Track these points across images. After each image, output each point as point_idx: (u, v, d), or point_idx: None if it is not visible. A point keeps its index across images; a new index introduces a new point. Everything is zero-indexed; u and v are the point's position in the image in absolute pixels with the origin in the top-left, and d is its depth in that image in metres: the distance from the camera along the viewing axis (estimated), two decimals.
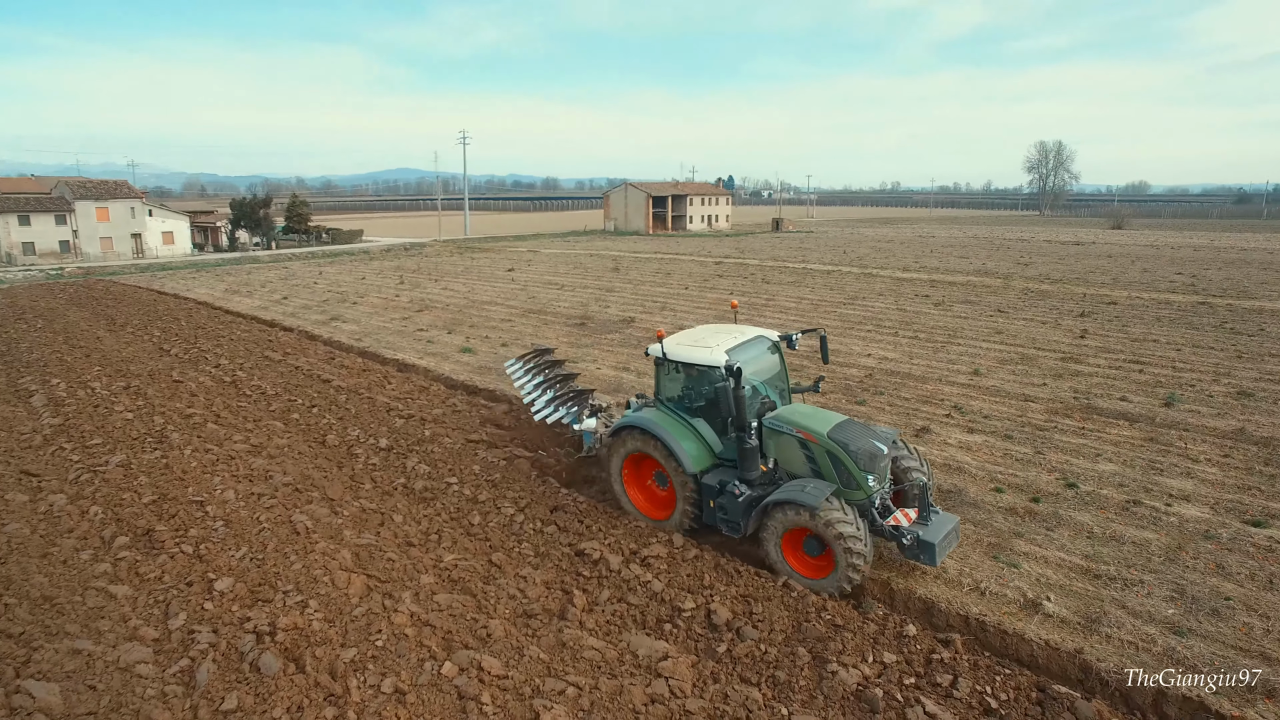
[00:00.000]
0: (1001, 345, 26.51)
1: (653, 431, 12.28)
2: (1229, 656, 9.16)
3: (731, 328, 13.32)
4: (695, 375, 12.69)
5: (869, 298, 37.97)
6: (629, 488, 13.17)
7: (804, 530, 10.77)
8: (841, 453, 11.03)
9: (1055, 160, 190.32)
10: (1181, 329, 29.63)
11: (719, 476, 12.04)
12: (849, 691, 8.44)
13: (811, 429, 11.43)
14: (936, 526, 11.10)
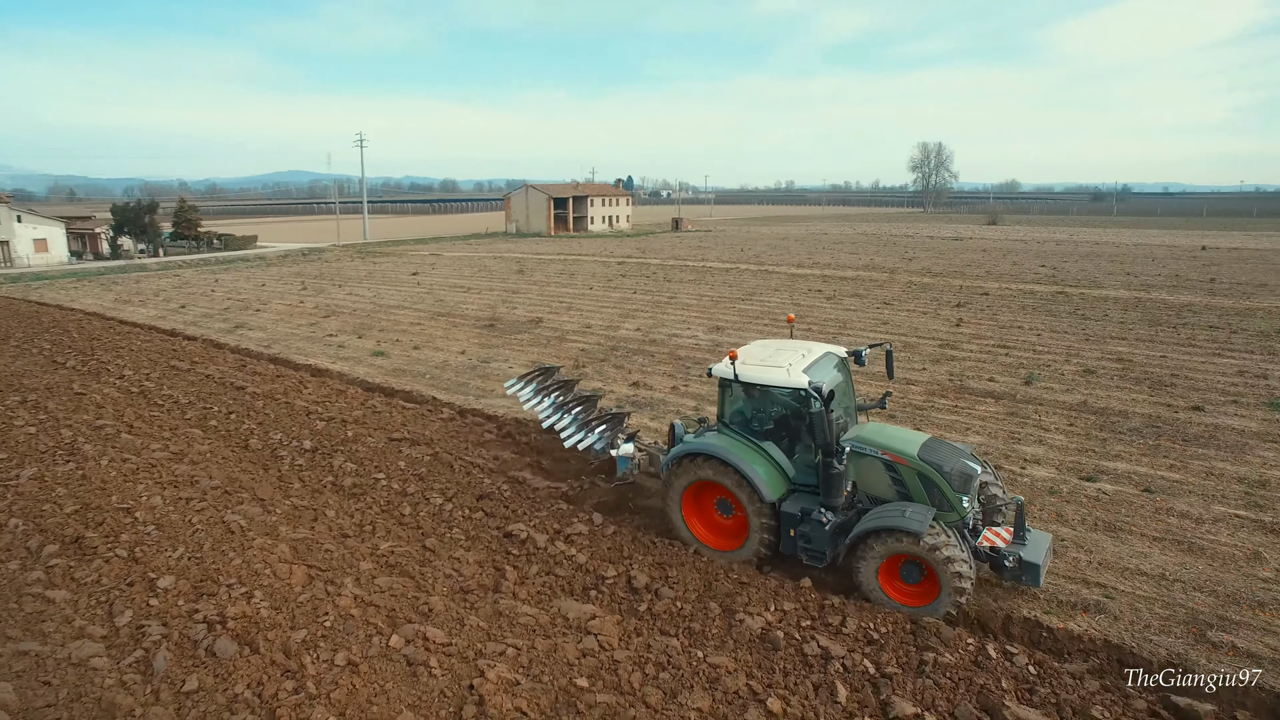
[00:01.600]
0: (887, 335, 28.74)
1: (726, 459, 11.56)
2: (1059, 584, 11.02)
3: (793, 344, 12.79)
4: (763, 397, 12.17)
5: (766, 293, 40.01)
6: (689, 518, 12.36)
7: (902, 556, 10.46)
8: (935, 474, 10.79)
9: (936, 160, 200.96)
10: (1042, 316, 32.72)
11: (799, 504, 11.37)
12: (755, 635, 9.76)
13: (900, 450, 11.09)
14: (1035, 545, 10.86)
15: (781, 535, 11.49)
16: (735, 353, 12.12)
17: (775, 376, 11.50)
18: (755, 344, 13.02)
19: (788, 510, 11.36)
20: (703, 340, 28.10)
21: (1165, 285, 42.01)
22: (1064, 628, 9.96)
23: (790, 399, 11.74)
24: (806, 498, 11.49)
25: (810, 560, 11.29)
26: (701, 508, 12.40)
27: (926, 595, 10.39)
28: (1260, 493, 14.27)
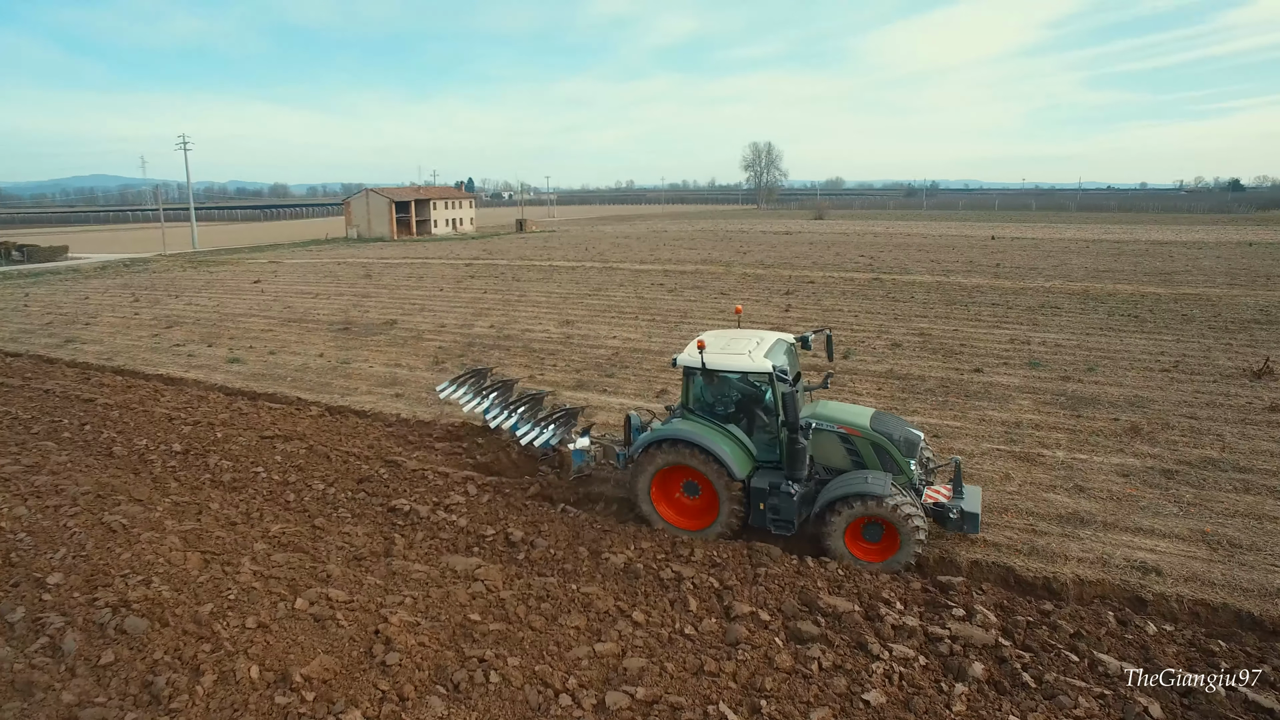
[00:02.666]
0: (725, 321, 31.46)
1: (696, 442, 12.26)
2: None
3: (745, 333, 13.72)
4: (723, 382, 12.99)
5: (611, 288, 42.14)
6: (656, 503, 13.01)
7: (865, 518, 11.56)
8: (887, 442, 12.14)
9: (767, 160, 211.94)
10: (859, 300, 36.68)
11: (766, 479, 12.36)
12: (619, 568, 11.58)
13: (854, 424, 12.38)
14: (971, 498, 12.39)
15: (750, 509, 12.43)
16: (703, 342, 12.84)
17: (741, 363, 12.38)
18: (709, 334, 13.79)
19: (757, 485, 12.32)
20: (554, 334, 29.75)
21: (961, 270, 47.66)
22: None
23: (755, 382, 12.77)
24: (771, 473, 12.52)
25: (778, 530, 12.31)
26: (667, 492, 13.06)
27: (887, 551, 11.66)
28: (1015, 431, 17.66)
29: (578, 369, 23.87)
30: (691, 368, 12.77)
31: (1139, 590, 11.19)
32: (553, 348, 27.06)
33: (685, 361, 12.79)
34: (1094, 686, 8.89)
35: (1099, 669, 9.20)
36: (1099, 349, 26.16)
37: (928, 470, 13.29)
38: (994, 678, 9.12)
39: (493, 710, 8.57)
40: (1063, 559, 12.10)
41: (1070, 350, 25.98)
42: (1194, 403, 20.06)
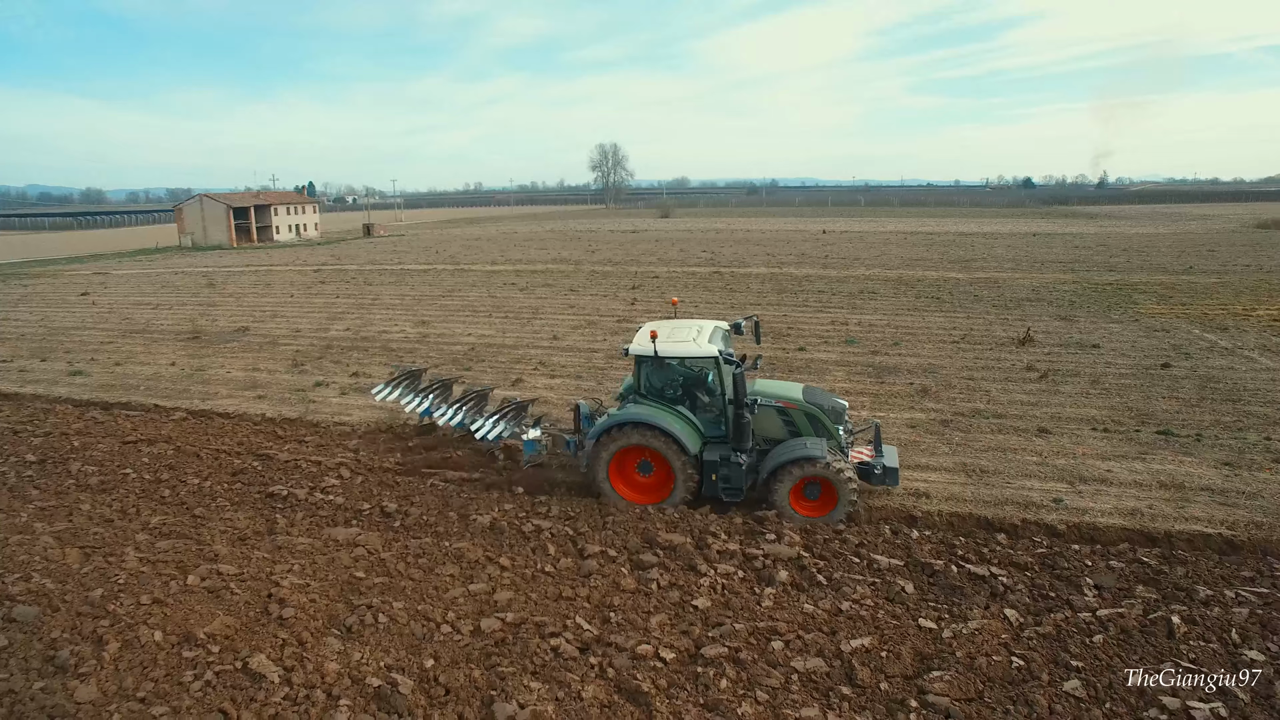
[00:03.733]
0: (574, 316, 33.38)
1: (653, 423, 13.29)
2: None
3: (684, 323, 14.96)
4: (669, 368, 14.08)
5: (464, 289, 43.15)
6: (615, 482, 14.01)
7: (807, 479, 13.05)
8: (819, 412, 13.78)
9: (614, 160, 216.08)
10: (701, 291, 39.57)
11: (717, 452, 13.57)
12: (485, 526, 13.20)
13: (790, 398, 13.95)
14: (890, 455, 14.26)
15: (703, 480, 13.63)
16: (655, 332, 13.79)
17: (690, 349, 13.58)
18: (650, 324, 14.71)
19: (709, 459, 13.51)
20: (411, 333, 30.68)
21: (793, 262, 51.84)
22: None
23: (700, 366, 14.04)
24: (718, 447, 13.76)
25: (729, 497, 13.62)
26: (624, 472, 14.07)
27: (826, 506, 13.20)
28: None
29: (436, 364, 25.06)
30: (643, 355, 13.84)
31: (911, 510, 13.94)
32: (410, 346, 28.07)
33: (638, 350, 13.82)
34: (869, 578, 11.41)
35: (874, 566, 11.74)
36: (904, 326, 29.99)
37: (850, 434, 14.91)
38: (796, 581, 11.45)
39: (384, 643, 10.00)
40: (860, 494, 14.76)
41: (881, 329, 29.65)
42: (973, 367, 23.79)
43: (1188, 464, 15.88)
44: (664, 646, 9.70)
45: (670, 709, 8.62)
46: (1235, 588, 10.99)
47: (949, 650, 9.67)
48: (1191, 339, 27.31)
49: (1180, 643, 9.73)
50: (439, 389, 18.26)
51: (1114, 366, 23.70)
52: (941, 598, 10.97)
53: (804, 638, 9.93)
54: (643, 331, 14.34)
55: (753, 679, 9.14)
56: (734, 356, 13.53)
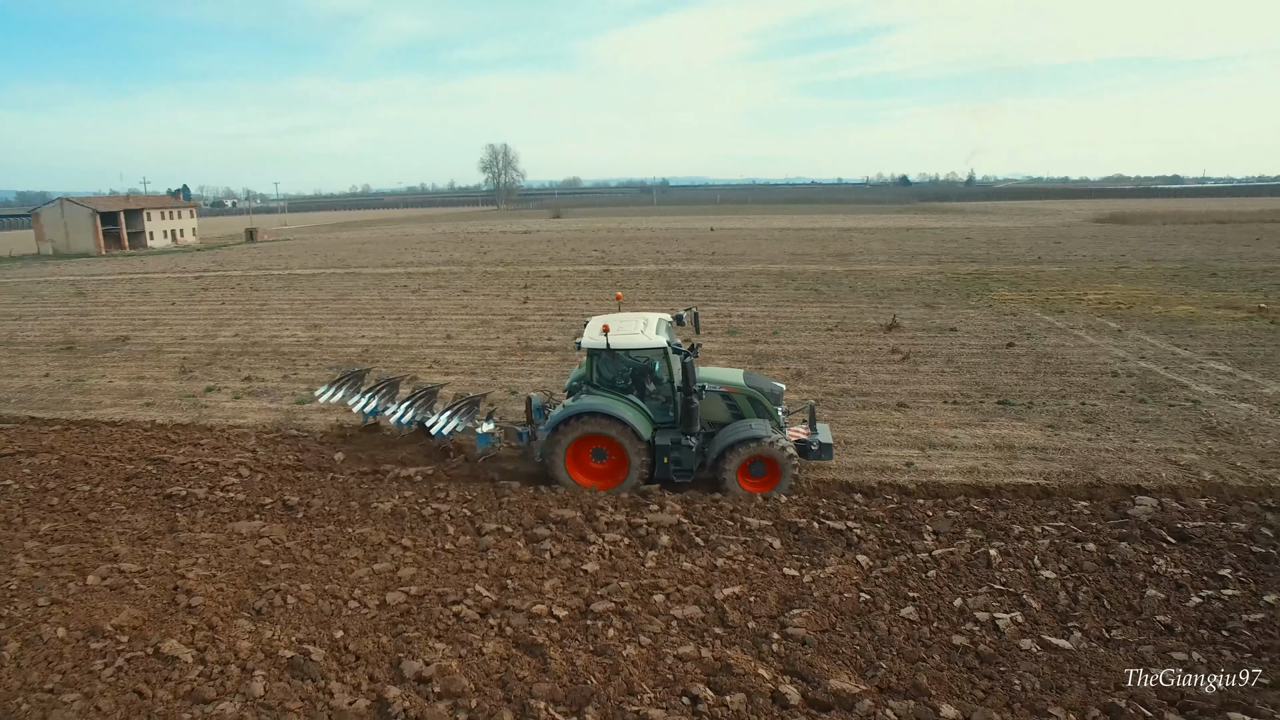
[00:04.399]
0: (467, 315, 33.93)
1: (608, 412, 13.98)
2: None
3: (629, 316, 15.64)
4: (618, 360, 14.69)
5: (356, 293, 42.87)
6: (571, 470, 14.60)
7: (752, 457, 14.02)
8: (760, 395, 14.80)
9: (505, 161, 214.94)
10: (591, 289, 40.68)
11: (668, 437, 14.38)
12: (387, 512, 13.89)
13: (733, 383, 14.93)
14: (824, 433, 15.37)
15: (656, 464, 14.40)
16: (607, 326, 14.31)
17: (640, 341, 14.36)
18: (598, 319, 15.49)
19: (660, 443, 14.30)
20: (303, 337, 30.56)
21: (681, 259, 53.66)
22: None
23: (649, 356, 14.74)
24: (668, 431, 14.57)
25: (680, 478, 14.46)
26: (579, 459, 14.70)
27: (770, 482, 14.21)
28: None
29: (330, 367, 25.24)
30: (595, 349, 14.45)
31: None
32: (303, 350, 28.05)
33: (590, 344, 14.40)
34: (741, 537, 12.77)
35: (746, 527, 13.10)
36: (784, 317, 31.96)
37: (786, 414, 16.00)
38: (677, 543, 12.68)
39: (294, 621, 10.63)
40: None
41: (762, 319, 31.51)
42: (844, 352, 25.80)
43: (1019, 428, 18.06)
44: (557, 606, 10.73)
45: (563, 656, 9.65)
46: (1042, 524, 12.92)
47: (808, 592, 11.09)
48: (1033, 321, 30.32)
49: (995, 570, 11.49)
50: (385, 388, 18.49)
51: (967, 347, 26.17)
52: (804, 550, 12.42)
53: (682, 590, 11.16)
54: (593, 325, 15.03)
55: (637, 627, 10.29)
56: (682, 346, 14.53)
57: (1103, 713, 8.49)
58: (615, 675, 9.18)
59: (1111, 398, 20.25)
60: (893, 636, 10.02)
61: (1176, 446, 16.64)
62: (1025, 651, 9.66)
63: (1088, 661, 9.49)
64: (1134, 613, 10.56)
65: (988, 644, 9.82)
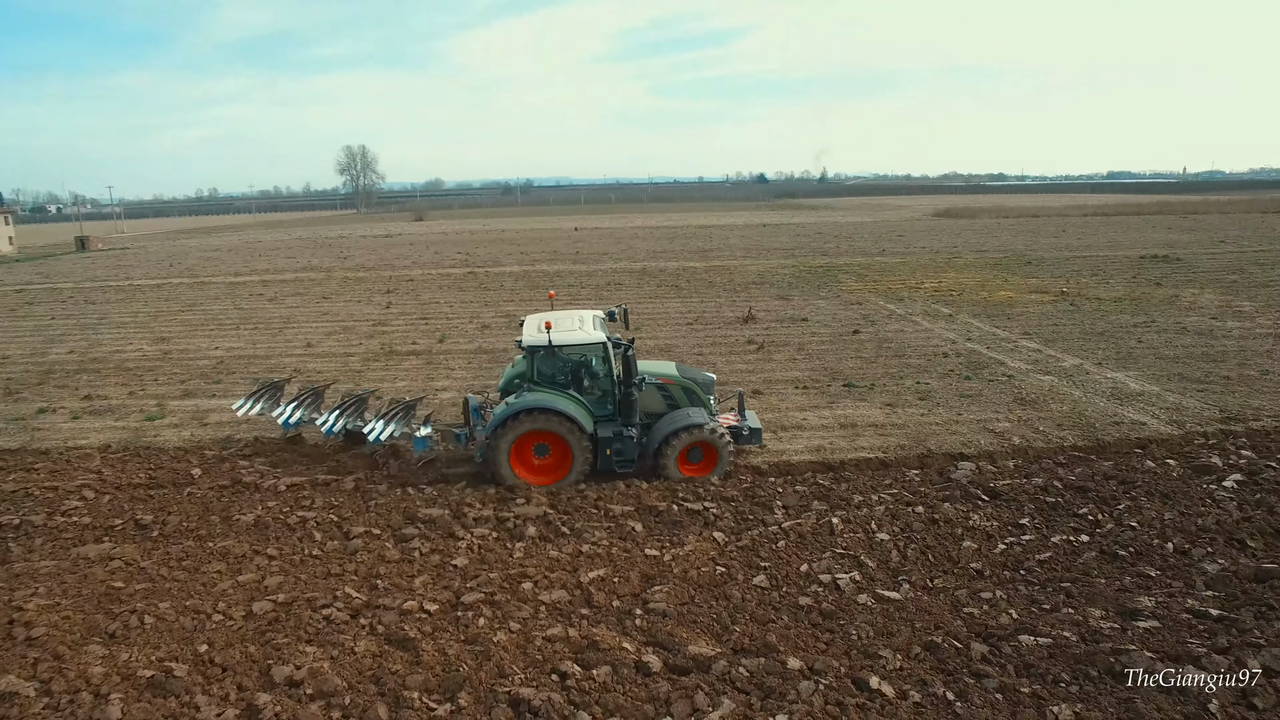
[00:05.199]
0: (328, 323, 33.08)
1: (553, 408, 14.32)
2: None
3: (565, 313, 16.13)
4: (555, 356, 14.98)
5: (206, 303, 40.78)
6: (515, 468, 14.80)
7: (691, 444, 14.78)
8: (694, 386, 15.54)
9: (363, 162, 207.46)
10: (455, 292, 40.45)
11: (610, 429, 14.89)
12: (250, 524, 13.64)
13: (669, 375, 15.65)
14: (752, 419, 16.19)
15: (599, 456, 14.85)
16: (550, 323, 14.73)
17: (581, 337, 14.84)
18: (533, 317, 15.96)
19: (603, 435, 14.78)
20: (149, 351, 28.94)
21: (546, 259, 53.98)
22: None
23: (588, 352, 15.15)
24: (608, 424, 15.06)
25: (622, 469, 14.99)
26: (522, 456, 14.91)
27: (708, 467, 15.06)
28: None
29: (182, 380, 24.18)
30: (536, 346, 14.77)
31: None
32: (150, 365, 26.61)
33: (532, 341, 14.77)
34: (605, 523, 13.39)
35: (610, 513, 13.73)
36: (646, 313, 32.92)
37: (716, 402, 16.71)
38: (543, 534, 13.16)
39: (153, 640, 10.38)
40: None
41: None
42: (703, 344, 26.97)
43: (862, 408, 19.61)
44: (428, 601, 11.00)
45: (435, 647, 9.94)
46: (878, 493, 14.24)
47: (668, 569, 11.84)
48: (877, 309, 32.65)
49: (837, 536, 12.63)
50: (310, 398, 18.12)
51: (817, 336, 27.93)
52: (664, 531, 13.18)
53: (550, 577, 11.67)
54: (530, 323, 15.51)
55: (506, 614, 10.70)
56: (621, 340, 15.08)
57: (924, 649, 9.63)
58: (487, 661, 9.57)
59: (942, 376, 22.26)
60: (746, 603, 10.88)
61: (993, 416, 18.58)
62: (862, 605, 10.75)
63: (914, 609, 10.67)
64: (953, 562, 11.91)
65: (830, 602, 10.84)
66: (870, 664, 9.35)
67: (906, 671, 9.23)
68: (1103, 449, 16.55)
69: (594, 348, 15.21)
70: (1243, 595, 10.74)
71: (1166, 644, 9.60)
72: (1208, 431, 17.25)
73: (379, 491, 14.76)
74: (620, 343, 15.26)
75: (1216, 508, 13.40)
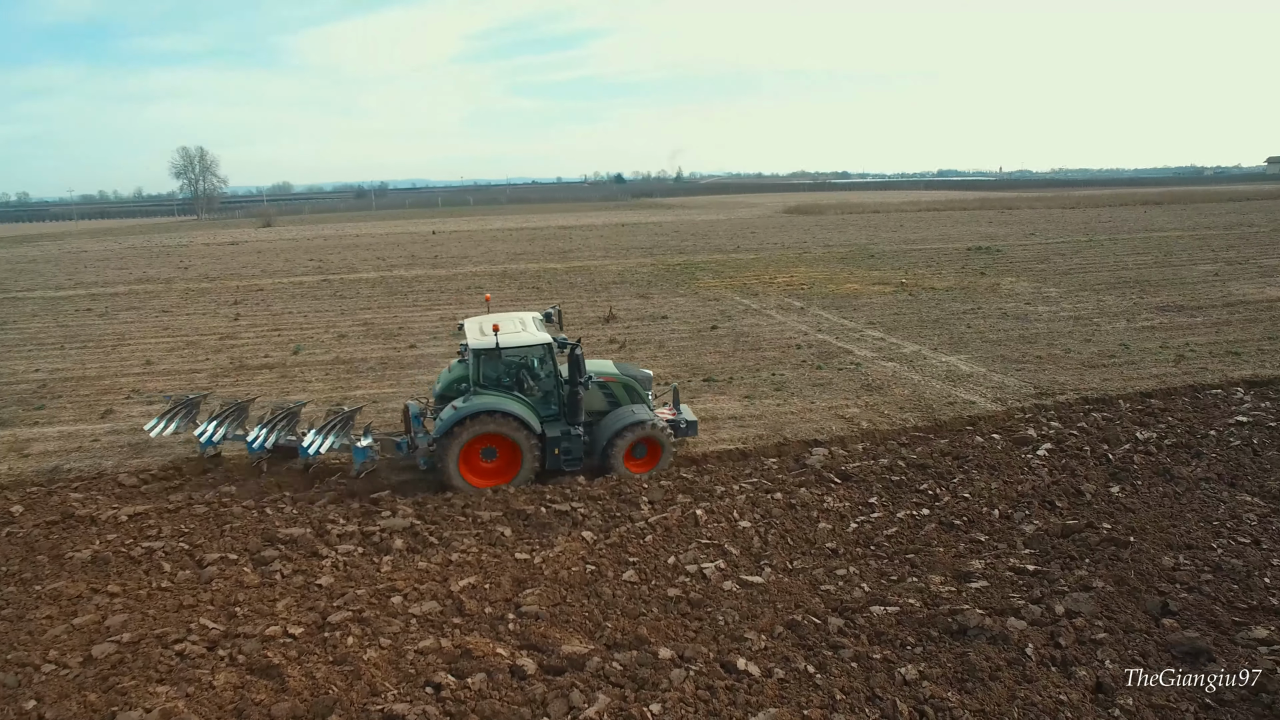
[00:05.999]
0: (170, 338, 30.95)
1: (503, 410, 14.30)
2: None
3: (505, 315, 16.17)
4: (497, 359, 14.89)
5: (21, 320, 37.15)
6: (464, 473, 14.68)
7: (635, 441, 15.05)
8: (635, 384, 15.84)
9: (202, 165, 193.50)
10: (309, 301, 38.75)
11: (557, 428, 15.03)
12: (86, 561, 12.58)
13: (610, 373, 15.91)
14: (687, 413, 16.67)
15: (546, 456, 14.97)
16: (497, 325, 14.76)
17: (528, 339, 14.95)
18: (471, 320, 16.13)
19: (551, 435, 14.93)
20: None
21: (403, 264, 52.56)
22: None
23: (532, 354, 15.28)
24: (554, 424, 15.25)
25: (569, 467, 15.19)
26: (469, 462, 14.84)
27: (652, 462, 15.46)
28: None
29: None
30: (482, 349, 14.72)
31: None
32: None
33: (479, 344, 14.70)
34: (474, 530, 13.34)
35: (478, 520, 13.67)
36: None
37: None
38: (411, 545, 12.96)
39: None
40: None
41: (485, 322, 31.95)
42: None
43: (721, 400, 20.37)
44: (292, 624, 10.62)
45: (302, 672, 9.63)
46: (739, 483, 14.89)
47: (539, 572, 11.95)
48: (733, 305, 33.87)
49: (702, 527, 13.13)
50: (234, 414, 17.30)
51: (677, 332, 28.68)
52: (534, 534, 13.27)
53: (419, 588, 11.53)
54: (471, 327, 15.73)
55: (376, 631, 10.51)
56: (568, 341, 15.43)
57: (786, 628, 10.22)
58: (357, 680, 9.38)
59: (795, 367, 23.41)
60: (616, 599, 11.16)
61: (843, 403, 19.76)
62: (728, 591, 11.26)
63: (775, 590, 11.28)
64: (810, 544, 12.66)
65: (697, 591, 11.29)
66: (737, 646, 9.82)
67: (771, 650, 9.76)
68: (939, 428, 17.97)
69: (539, 349, 15.36)
70: (1053, 550, 12.06)
71: (994, 600, 10.65)
72: (1025, 406, 19.07)
73: (234, 514, 14.06)
74: (567, 343, 15.55)
75: (1032, 475, 14.88)
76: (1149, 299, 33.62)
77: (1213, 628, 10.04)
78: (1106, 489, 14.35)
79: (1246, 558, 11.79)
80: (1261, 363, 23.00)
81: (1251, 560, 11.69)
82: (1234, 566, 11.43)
